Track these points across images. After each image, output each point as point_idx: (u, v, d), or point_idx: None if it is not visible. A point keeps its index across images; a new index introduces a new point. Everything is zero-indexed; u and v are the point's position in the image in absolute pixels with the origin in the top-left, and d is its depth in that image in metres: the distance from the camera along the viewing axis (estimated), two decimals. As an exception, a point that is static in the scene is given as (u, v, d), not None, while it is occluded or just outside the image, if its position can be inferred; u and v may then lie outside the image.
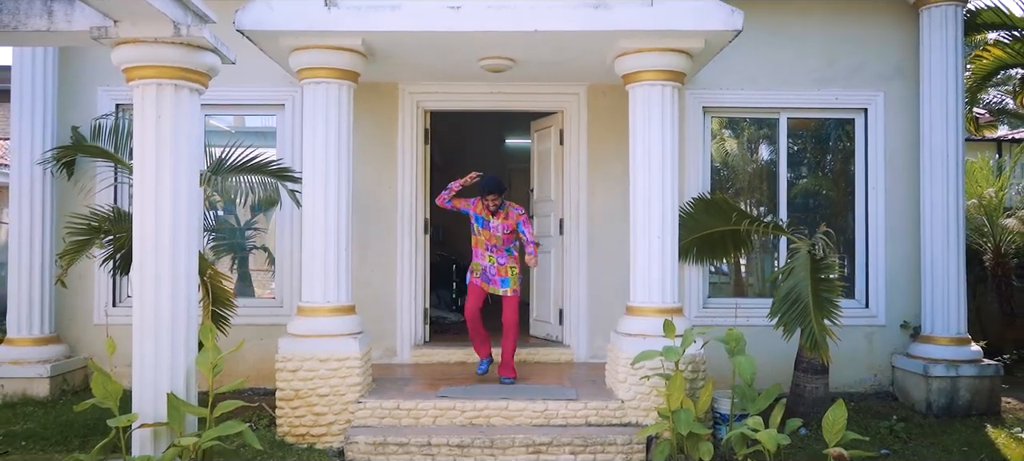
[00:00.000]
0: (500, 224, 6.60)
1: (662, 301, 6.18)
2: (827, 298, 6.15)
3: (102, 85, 7.73)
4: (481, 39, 6.21)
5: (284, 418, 6.03)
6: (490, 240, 6.65)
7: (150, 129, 4.88)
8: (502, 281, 6.66)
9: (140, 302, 4.85)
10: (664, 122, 6.19)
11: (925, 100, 7.52)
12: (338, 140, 6.16)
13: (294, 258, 7.66)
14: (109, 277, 7.58)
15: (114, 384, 4.68)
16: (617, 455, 5.76)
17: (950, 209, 7.35)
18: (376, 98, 7.79)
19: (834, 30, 7.88)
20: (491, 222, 6.60)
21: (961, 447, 6.06)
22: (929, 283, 7.44)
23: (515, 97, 7.87)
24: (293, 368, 6.01)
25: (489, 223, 6.61)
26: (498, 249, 6.66)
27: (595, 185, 7.87)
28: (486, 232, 6.64)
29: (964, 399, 7.11)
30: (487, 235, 6.65)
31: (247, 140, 7.18)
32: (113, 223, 6.28)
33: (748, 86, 7.86)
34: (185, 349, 4.95)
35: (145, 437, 4.82)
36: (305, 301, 6.20)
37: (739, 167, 8.38)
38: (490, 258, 6.68)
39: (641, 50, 6.10)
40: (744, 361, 5.68)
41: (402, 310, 7.82)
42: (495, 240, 6.64)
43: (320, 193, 6.12)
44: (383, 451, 5.73)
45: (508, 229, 6.61)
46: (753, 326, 7.15)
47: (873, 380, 7.82)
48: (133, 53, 4.83)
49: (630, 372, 6.01)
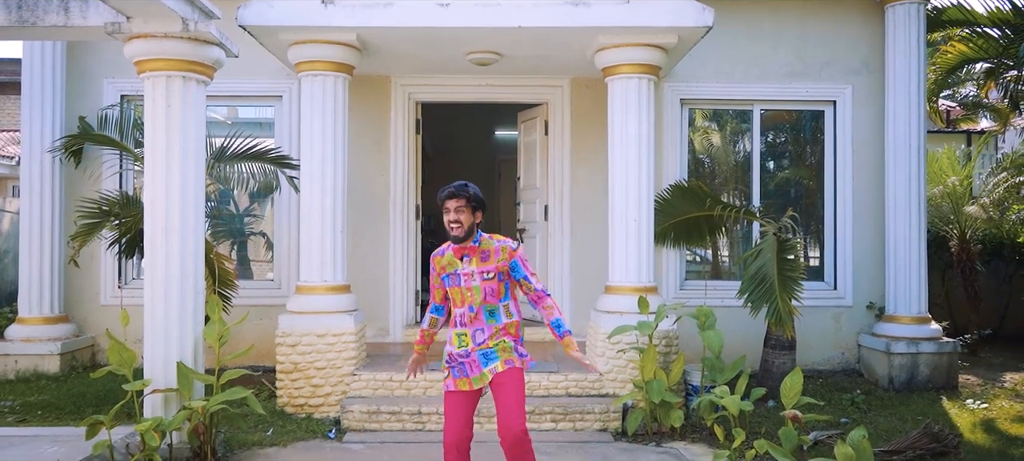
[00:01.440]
0: (476, 269, 3.92)
1: (638, 281, 6.60)
2: (791, 277, 6.58)
3: (108, 77, 8.10)
4: (468, 34, 6.60)
5: (284, 390, 6.44)
6: (465, 299, 3.94)
7: (160, 118, 5.26)
8: (484, 356, 3.92)
9: (151, 277, 5.24)
10: (640, 112, 6.60)
11: (890, 93, 7.96)
12: (334, 129, 6.55)
13: (292, 242, 8.05)
14: (115, 260, 7.98)
15: (129, 352, 5.07)
16: (595, 422, 6.19)
17: (912, 195, 7.78)
18: (370, 90, 8.18)
19: (805, 26, 8.30)
20: (460, 269, 3.95)
21: (916, 416, 6.50)
22: (892, 265, 7.88)
23: (502, 89, 8.28)
24: (292, 343, 6.41)
25: (457, 272, 3.95)
26: (476, 315, 3.94)
27: (578, 173, 8.28)
28: (459, 290, 3.96)
29: (923, 374, 7.56)
30: (461, 293, 3.95)
31: (246, 130, 7.58)
32: (122, 207, 6.67)
33: (724, 79, 8.28)
34: (193, 321, 5.34)
35: (156, 402, 5.21)
36: (303, 280, 6.60)
37: (715, 157, 8.80)
38: (459, 339, 3.95)
39: (618, 45, 6.51)
40: (713, 335, 6.13)
41: (394, 292, 8.22)
42: (471, 297, 3.92)
43: (317, 178, 6.52)
44: (377, 419, 6.14)
45: (488, 275, 3.92)
46: (727, 307, 7.61)
47: (840, 358, 8.27)
48: (144, 47, 5.21)
49: (607, 346, 6.43)
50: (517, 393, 3.86)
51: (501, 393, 3.87)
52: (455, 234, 3.88)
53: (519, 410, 3.84)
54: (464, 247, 3.94)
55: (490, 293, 3.93)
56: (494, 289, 3.94)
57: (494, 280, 3.93)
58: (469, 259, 3.95)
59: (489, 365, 3.90)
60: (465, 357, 3.92)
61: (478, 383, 3.91)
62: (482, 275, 3.93)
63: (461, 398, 3.93)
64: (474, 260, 3.94)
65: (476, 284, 3.92)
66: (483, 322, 3.92)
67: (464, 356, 3.93)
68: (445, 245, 4.02)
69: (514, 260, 3.98)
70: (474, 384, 3.92)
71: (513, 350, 3.94)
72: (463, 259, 3.96)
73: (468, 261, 3.95)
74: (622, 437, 6.03)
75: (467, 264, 3.95)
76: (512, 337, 3.97)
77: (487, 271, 3.93)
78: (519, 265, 4.00)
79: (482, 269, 3.93)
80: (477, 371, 3.92)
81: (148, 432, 4.66)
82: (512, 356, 3.92)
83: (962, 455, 5.44)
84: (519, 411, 3.83)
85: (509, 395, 3.86)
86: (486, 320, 3.93)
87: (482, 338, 3.92)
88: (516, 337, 4.00)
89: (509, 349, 3.93)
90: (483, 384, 3.91)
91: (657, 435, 6.00)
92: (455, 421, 3.91)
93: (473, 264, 3.94)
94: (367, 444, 5.81)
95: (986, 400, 7.09)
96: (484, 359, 3.92)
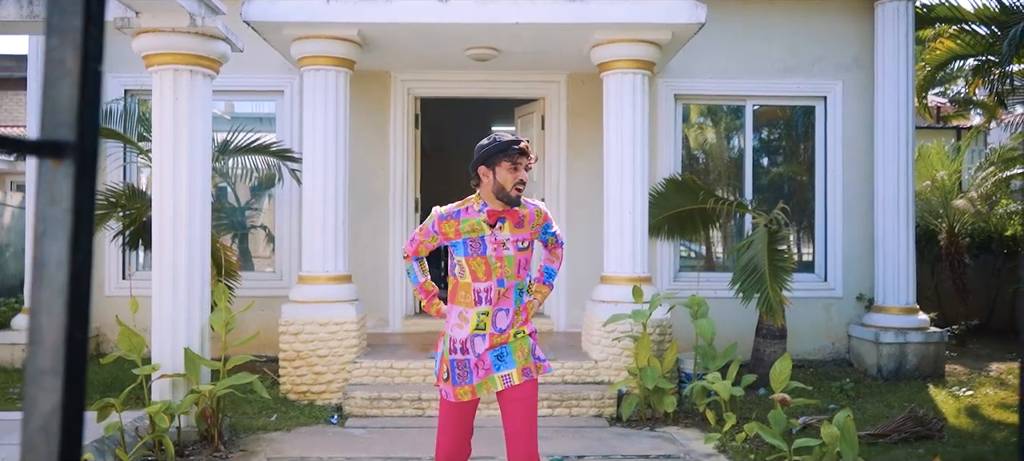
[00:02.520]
0: (511, 237, 3.29)
1: (633, 271, 6.76)
2: (782, 267, 6.76)
3: (112, 71, 8.22)
4: (467, 31, 6.76)
5: (287, 377, 6.59)
6: (492, 271, 3.26)
7: (168, 110, 5.41)
8: (500, 357, 3.25)
9: (160, 264, 5.40)
10: (635, 107, 6.76)
11: (879, 88, 8.14)
12: (336, 122, 6.71)
13: (292, 234, 8.21)
14: (119, 252, 8.12)
15: (138, 338, 5.22)
16: (590, 408, 6.35)
17: (901, 189, 7.96)
18: (370, 85, 8.33)
19: (797, 23, 8.48)
20: (488, 235, 3.26)
21: (902, 403, 6.66)
22: (881, 257, 8.06)
23: (500, 84, 8.44)
24: (295, 331, 6.57)
25: (483, 239, 3.26)
26: (505, 290, 3.28)
27: (574, 166, 8.45)
28: (483, 261, 3.25)
29: (911, 364, 7.75)
30: (486, 265, 3.26)
31: (246, 125, 7.73)
32: (128, 199, 6.81)
33: (717, 75, 8.45)
34: (200, 308, 5.49)
35: (164, 387, 5.37)
36: (306, 270, 6.75)
37: (709, 152, 8.98)
38: (478, 319, 3.25)
39: (614, 41, 6.68)
40: (705, 323, 6.30)
41: (394, 284, 8.38)
42: (501, 270, 3.26)
43: (319, 170, 6.67)
44: (378, 405, 6.30)
45: (523, 245, 3.32)
46: (720, 298, 7.75)
47: (831, 348, 8.45)
48: (153, 42, 5.36)
49: (603, 334, 6.60)
50: (531, 415, 3.22)
51: (514, 413, 3.19)
52: (520, 195, 3.25)
53: (532, 437, 3.20)
54: (505, 211, 3.28)
55: (522, 266, 3.32)
56: (527, 261, 3.35)
57: (528, 251, 3.34)
58: (503, 224, 3.27)
59: (501, 371, 3.20)
60: (473, 351, 3.22)
61: (482, 390, 3.22)
62: (517, 244, 3.28)
63: (461, 409, 3.29)
64: (507, 225, 3.27)
65: (510, 254, 3.26)
66: (511, 301, 3.28)
67: (472, 349, 3.22)
68: (460, 205, 3.33)
69: (546, 223, 3.42)
70: (478, 391, 3.23)
71: (531, 352, 3.29)
72: (497, 224, 3.26)
73: (501, 226, 3.26)
74: (617, 422, 6.20)
75: (500, 230, 3.26)
76: (527, 324, 3.35)
77: (523, 240, 3.30)
78: (549, 226, 3.46)
79: (518, 237, 3.28)
80: (483, 375, 3.22)
81: (158, 414, 4.81)
82: (529, 363, 3.25)
83: (946, 438, 5.62)
84: (532, 438, 3.20)
85: (523, 419, 3.19)
86: (515, 299, 3.29)
87: (504, 324, 3.25)
88: (530, 322, 3.38)
89: (527, 351, 3.26)
90: (490, 391, 3.22)
91: (651, 420, 6.17)
92: (451, 436, 3.30)
93: (506, 230, 3.27)
94: (368, 429, 5.96)
95: (971, 387, 7.27)
96: (497, 361, 3.22)
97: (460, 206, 3.33)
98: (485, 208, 3.27)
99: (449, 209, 3.35)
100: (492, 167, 3.20)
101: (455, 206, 3.34)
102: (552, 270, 3.61)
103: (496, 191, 3.21)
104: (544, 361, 3.36)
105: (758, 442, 5.37)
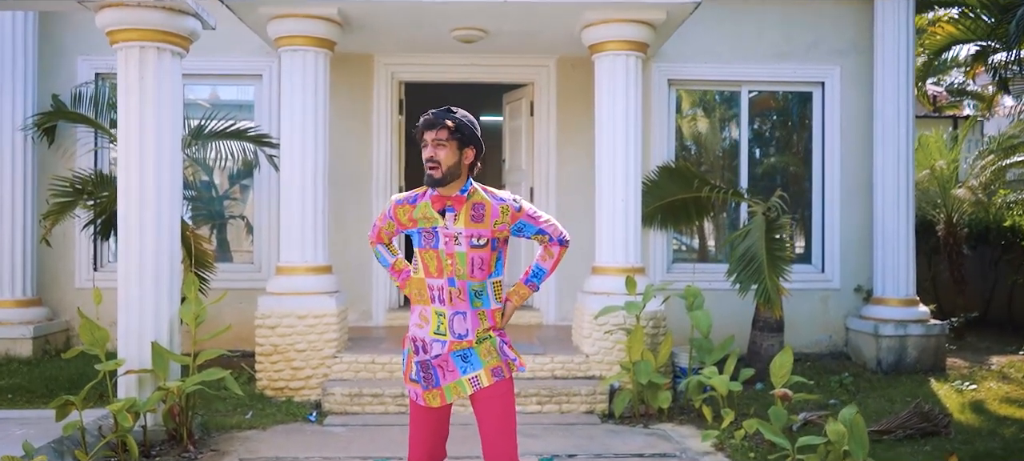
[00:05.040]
0: (464, 231, 2.96)
1: (625, 261, 6.49)
2: (779, 257, 6.50)
3: (82, 54, 7.87)
4: (453, 9, 6.45)
5: (263, 373, 6.29)
6: (443, 268, 2.96)
7: (134, 90, 5.09)
8: (462, 359, 2.97)
9: (125, 252, 5.08)
10: (628, 90, 6.48)
11: (878, 74, 7.88)
12: (315, 106, 6.39)
13: (272, 224, 7.87)
14: (90, 242, 7.78)
15: (101, 331, 4.91)
16: (581, 405, 6.08)
17: (901, 178, 7.71)
18: (352, 69, 8.01)
19: (792, 7, 8.20)
20: (439, 226, 2.96)
21: (904, 398, 6.43)
22: (880, 247, 7.82)
23: (487, 69, 8.13)
24: (272, 325, 6.26)
25: (435, 230, 2.97)
26: (460, 293, 2.96)
27: (564, 154, 8.16)
28: (434, 254, 2.97)
29: (911, 357, 7.51)
30: (437, 259, 2.97)
31: (225, 111, 7.40)
32: (96, 186, 6.49)
33: (711, 60, 8.17)
34: (168, 299, 5.18)
35: (130, 383, 5.05)
36: (284, 261, 6.44)
37: (703, 140, 8.70)
38: (437, 320, 2.98)
39: (606, 21, 6.39)
40: (701, 315, 6.05)
41: (377, 275, 8.07)
42: (452, 267, 2.95)
43: (298, 156, 6.35)
44: (359, 402, 6.01)
45: (479, 242, 2.96)
46: (715, 289, 7.50)
47: (828, 341, 8.21)
48: (117, 16, 5.03)
49: (594, 327, 6.32)
50: (507, 416, 2.97)
51: (487, 416, 2.96)
52: (432, 175, 2.89)
53: (510, 439, 2.96)
54: (447, 196, 2.95)
55: (478, 265, 2.95)
56: (484, 261, 2.96)
57: (486, 248, 2.96)
58: (453, 214, 2.94)
59: (468, 373, 2.94)
60: (434, 354, 2.95)
61: (451, 395, 2.97)
62: (470, 240, 2.93)
63: (431, 412, 3.04)
64: (461, 217, 2.94)
65: (461, 251, 2.92)
66: (466, 303, 2.94)
67: (433, 351, 2.96)
68: (415, 191, 3.07)
69: (519, 221, 3.01)
70: (446, 396, 2.97)
71: (499, 352, 2.98)
72: (446, 213, 2.95)
73: (453, 217, 2.94)
74: (609, 419, 5.93)
75: (451, 221, 2.94)
76: (497, 328, 3.03)
77: (478, 236, 2.94)
78: (528, 224, 3.04)
79: (472, 232, 2.94)
80: (451, 378, 2.96)
81: (121, 412, 4.51)
82: (499, 362, 2.96)
83: (952, 434, 5.38)
84: (510, 440, 2.96)
85: (498, 420, 2.95)
86: (470, 301, 2.95)
87: (462, 329, 2.94)
88: (501, 328, 3.05)
89: (494, 351, 2.97)
90: (460, 396, 2.97)
91: (644, 417, 5.91)
92: (423, 441, 3.06)
93: (460, 222, 2.94)
94: (349, 427, 5.68)
95: (974, 381, 7.05)
96: (462, 363, 2.95)
97: (418, 191, 3.07)
98: (428, 195, 3.01)
99: (407, 195, 3.09)
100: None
101: (414, 192, 3.09)
102: (541, 270, 3.16)
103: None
104: (515, 359, 3.02)
105: (758, 439, 5.12)
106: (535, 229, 3.07)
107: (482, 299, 2.98)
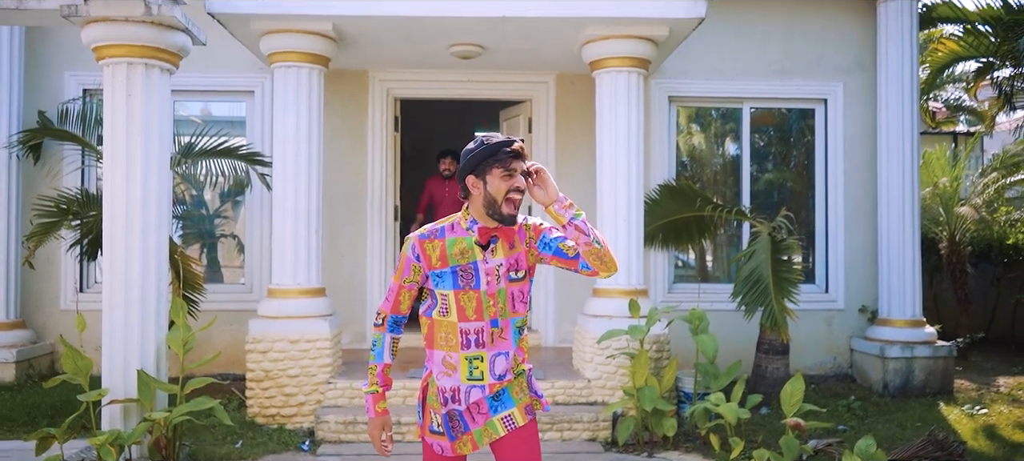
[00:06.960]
0: (504, 262, 2.70)
1: (628, 283, 6.31)
2: (786, 278, 6.34)
3: (69, 70, 7.68)
4: (450, 25, 6.29)
5: (254, 399, 6.07)
6: (485, 310, 2.67)
7: (120, 108, 4.91)
8: (497, 397, 2.72)
9: (110, 276, 4.88)
10: (630, 108, 6.32)
11: (882, 91, 7.75)
12: (309, 123, 6.21)
13: (264, 244, 7.68)
14: (76, 263, 7.57)
15: (85, 359, 4.70)
16: (583, 432, 5.89)
17: (906, 196, 7.57)
18: (347, 86, 7.84)
19: (795, 23, 8.08)
20: (479, 262, 2.66)
21: (915, 423, 6.27)
22: (886, 267, 7.66)
23: (485, 85, 7.97)
24: (263, 349, 6.05)
25: (475, 266, 2.66)
26: (503, 332, 2.71)
27: (563, 171, 7.98)
28: (475, 295, 2.66)
29: (919, 379, 7.35)
30: (478, 301, 2.67)
31: (216, 127, 7.21)
32: (82, 205, 6.28)
33: (713, 77, 8.04)
34: (155, 324, 4.98)
35: (115, 413, 4.85)
36: (275, 283, 6.24)
37: (705, 157, 8.56)
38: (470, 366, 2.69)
39: (607, 37, 6.23)
40: (707, 339, 5.86)
41: (372, 296, 7.88)
42: (495, 308, 2.68)
43: (291, 175, 6.17)
44: (353, 430, 5.80)
45: (517, 275, 2.73)
46: (718, 310, 7.29)
47: (833, 362, 8.04)
48: (103, 32, 4.86)
49: (596, 351, 6.14)
50: (536, 452, 2.75)
51: (515, 455, 2.70)
52: (515, 210, 2.63)
53: None
54: (498, 229, 2.68)
55: (519, 300, 2.72)
56: (524, 293, 2.73)
57: (524, 281, 2.72)
58: (495, 244, 2.67)
59: (499, 412, 2.69)
60: (466, 401, 2.68)
61: (483, 440, 2.69)
62: (510, 274, 2.68)
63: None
64: (501, 246, 2.67)
65: (502, 288, 2.67)
66: (510, 342, 2.70)
67: (471, 398, 2.68)
68: (443, 223, 2.72)
69: (542, 235, 2.73)
70: (478, 441, 2.70)
71: (529, 389, 2.78)
72: (489, 245, 2.66)
73: (493, 249, 2.66)
74: (612, 447, 5.74)
75: (492, 255, 2.66)
76: (525, 360, 2.80)
77: (516, 268, 2.69)
78: (546, 233, 2.73)
79: (511, 260, 2.68)
80: (482, 421, 2.69)
81: (104, 446, 4.30)
82: (528, 399, 2.75)
83: (968, 463, 5.22)
84: None
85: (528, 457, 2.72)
86: (514, 339, 2.71)
87: (503, 369, 2.68)
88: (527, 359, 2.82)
89: (525, 388, 2.76)
90: (491, 438, 2.69)
91: (649, 445, 5.72)
92: None
93: (499, 253, 2.67)
94: (343, 457, 5.47)
95: (985, 405, 6.89)
96: (493, 403, 2.70)
97: (443, 224, 2.72)
98: (475, 226, 2.67)
99: (430, 227, 2.72)
100: (482, 176, 2.60)
101: (438, 224, 2.73)
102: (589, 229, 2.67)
103: (487, 205, 2.61)
104: (541, 397, 2.82)
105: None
106: (558, 238, 2.71)
107: (521, 332, 2.75)
